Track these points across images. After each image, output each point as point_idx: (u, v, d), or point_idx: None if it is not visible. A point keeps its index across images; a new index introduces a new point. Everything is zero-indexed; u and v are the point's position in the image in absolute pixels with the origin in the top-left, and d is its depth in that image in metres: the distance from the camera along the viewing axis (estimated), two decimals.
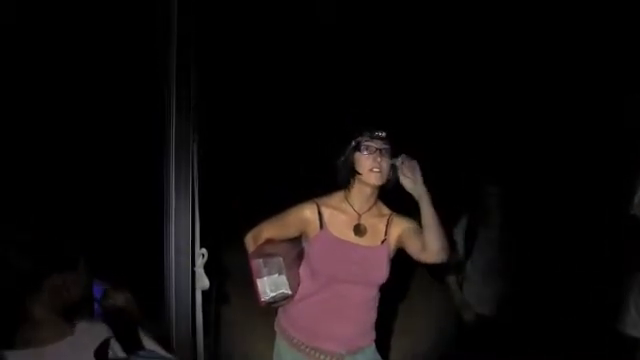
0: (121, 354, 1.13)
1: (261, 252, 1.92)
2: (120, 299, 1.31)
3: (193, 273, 2.06)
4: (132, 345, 1.18)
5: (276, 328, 2.01)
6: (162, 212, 2.06)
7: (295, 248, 1.98)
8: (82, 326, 1.13)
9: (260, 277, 1.86)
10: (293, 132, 3.56)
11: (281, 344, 1.98)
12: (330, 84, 3.85)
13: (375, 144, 1.84)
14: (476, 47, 3.88)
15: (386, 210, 1.97)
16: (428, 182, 1.81)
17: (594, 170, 3.56)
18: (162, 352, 1.26)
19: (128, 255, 2.23)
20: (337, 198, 1.95)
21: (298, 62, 3.73)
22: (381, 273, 1.89)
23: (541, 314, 2.98)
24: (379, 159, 1.83)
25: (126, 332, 1.19)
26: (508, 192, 2.77)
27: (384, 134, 1.85)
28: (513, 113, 3.95)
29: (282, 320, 1.99)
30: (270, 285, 1.85)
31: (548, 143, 3.96)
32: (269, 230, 2.00)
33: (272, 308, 1.97)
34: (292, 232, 1.97)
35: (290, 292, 1.87)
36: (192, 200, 2.07)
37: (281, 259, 1.87)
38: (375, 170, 1.83)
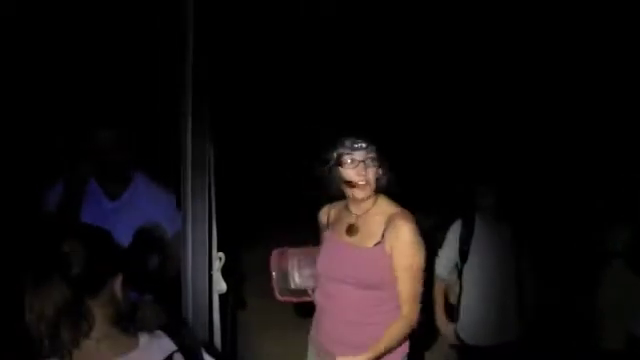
0: None
1: (283, 249, 2.00)
2: (155, 313, 1.31)
3: (210, 277, 2.07)
4: (194, 357, 1.16)
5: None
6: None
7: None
8: (145, 340, 1.12)
9: (274, 270, 1.96)
10: (313, 136, 3.56)
11: (310, 350, 2.02)
12: (336, 89, 3.86)
13: (358, 156, 1.81)
14: (473, 50, 3.89)
15: (389, 208, 1.89)
16: (420, 186, 1.83)
17: (593, 171, 3.57)
18: None
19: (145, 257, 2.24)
20: (343, 201, 2.00)
21: (309, 66, 3.75)
22: (371, 275, 1.83)
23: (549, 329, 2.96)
24: (363, 172, 1.80)
25: (188, 345, 1.16)
26: (505, 193, 2.70)
27: (364, 145, 1.81)
28: (508, 114, 3.97)
29: (313, 324, 2.04)
30: (279, 279, 1.91)
31: (545, 143, 3.97)
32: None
33: (290, 310, 2.00)
34: (322, 232, 2.06)
35: (292, 286, 1.92)
36: (209, 204, 2.07)
37: (295, 257, 1.91)
38: (360, 183, 1.81)
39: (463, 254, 2.67)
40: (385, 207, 1.91)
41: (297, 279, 1.95)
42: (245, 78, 3.56)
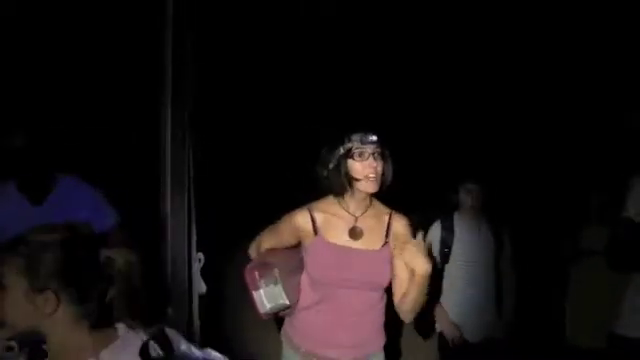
0: (161, 353, 1.12)
1: (256, 263, 1.90)
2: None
3: (190, 278, 2.06)
4: (168, 345, 1.17)
5: (282, 337, 1.97)
6: (158, 217, 2.05)
7: (295, 256, 1.94)
8: (123, 330, 1.12)
9: (256, 289, 1.83)
10: (293, 134, 3.56)
11: (288, 353, 1.94)
12: (333, 89, 3.85)
13: (368, 149, 1.79)
14: (468, 51, 3.91)
15: (384, 208, 1.90)
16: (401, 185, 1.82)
17: (578, 167, 3.61)
18: (196, 352, 1.24)
19: None
20: (330, 202, 1.89)
21: (292, 64, 3.73)
22: (381, 277, 1.82)
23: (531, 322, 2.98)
24: (374, 164, 1.78)
25: (163, 333, 1.16)
26: (487, 190, 2.70)
27: (375, 138, 1.80)
28: (492, 111, 4.00)
29: (288, 329, 1.95)
30: (267, 296, 1.83)
31: (527, 140, 4.01)
32: (268, 240, 1.98)
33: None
34: (288, 240, 1.93)
35: (287, 302, 1.83)
36: (188, 205, 2.06)
37: (276, 269, 1.83)
38: (371, 176, 1.78)
39: (444, 255, 2.67)
40: (381, 207, 1.89)
41: (290, 293, 1.84)
42: (241, 78, 3.55)
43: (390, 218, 1.87)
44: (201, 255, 2.06)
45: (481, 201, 2.69)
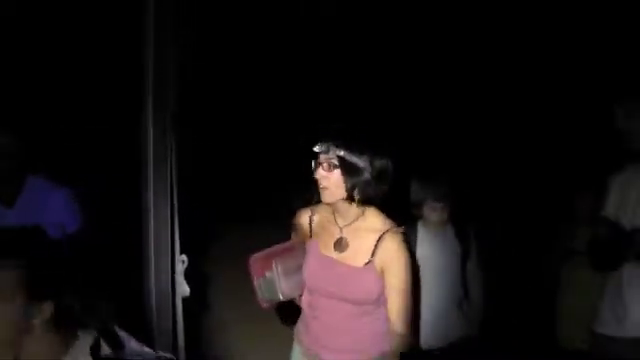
0: (109, 351, 1.14)
1: (260, 255, 1.88)
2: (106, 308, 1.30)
3: (173, 280, 2.04)
4: (116, 343, 1.17)
5: (294, 333, 1.99)
6: (141, 218, 2.03)
7: (299, 253, 1.93)
8: (73, 331, 1.13)
9: (257, 278, 1.85)
10: (279, 136, 3.55)
11: (295, 348, 1.97)
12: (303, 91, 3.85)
13: (321, 159, 1.75)
14: (449, 54, 3.94)
15: (379, 225, 1.81)
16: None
17: (570, 167, 3.64)
18: (145, 349, 1.25)
19: (107, 262, 2.20)
20: (328, 207, 1.87)
21: (281, 64, 3.73)
22: (360, 294, 1.79)
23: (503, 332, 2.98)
24: (322, 175, 1.75)
25: (106, 330, 1.18)
26: (453, 203, 2.63)
27: (322, 147, 1.74)
28: (484, 112, 4.02)
29: (299, 325, 1.98)
30: (264, 286, 1.84)
31: (519, 140, 4.04)
32: (294, 236, 1.98)
33: (256, 315, 1.96)
34: (301, 235, 1.94)
35: (281, 297, 1.85)
36: (171, 206, 2.04)
37: (274, 263, 1.84)
38: (321, 187, 1.76)
39: None
40: (375, 222, 1.82)
41: (285, 290, 1.85)
42: (228, 78, 3.53)
43: (380, 239, 1.78)
44: (184, 257, 2.05)
45: (447, 213, 2.64)
